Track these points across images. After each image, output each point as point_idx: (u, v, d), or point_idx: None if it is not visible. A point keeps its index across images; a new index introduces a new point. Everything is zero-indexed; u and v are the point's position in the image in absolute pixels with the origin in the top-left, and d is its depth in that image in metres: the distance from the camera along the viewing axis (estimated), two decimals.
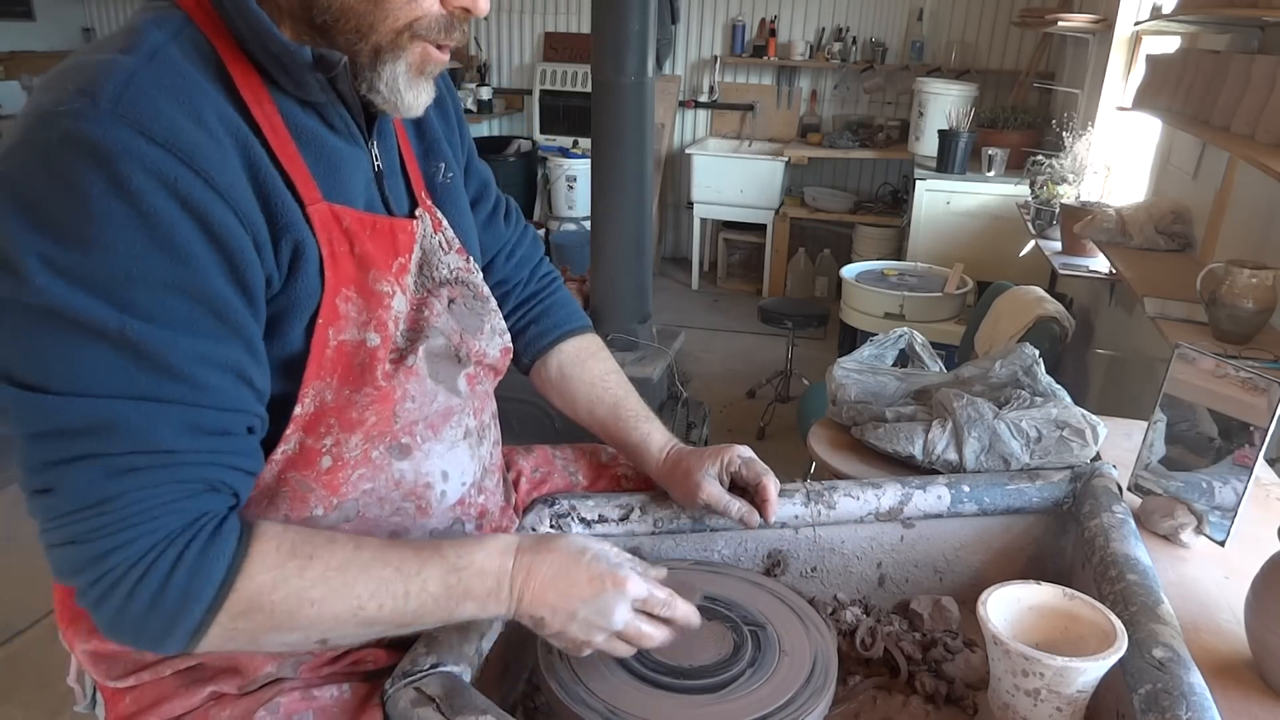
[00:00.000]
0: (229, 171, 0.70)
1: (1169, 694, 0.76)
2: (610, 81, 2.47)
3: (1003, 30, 5.17)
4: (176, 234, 0.67)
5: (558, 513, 1.08)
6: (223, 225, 0.69)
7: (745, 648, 0.91)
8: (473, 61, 5.85)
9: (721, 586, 1.02)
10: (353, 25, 0.74)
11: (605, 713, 0.84)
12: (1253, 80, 1.94)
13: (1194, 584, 1.02)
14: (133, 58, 0.70)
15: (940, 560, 1.16)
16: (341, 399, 0.81)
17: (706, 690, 0.87)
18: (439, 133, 0.99)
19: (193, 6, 0.75)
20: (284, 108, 0.77)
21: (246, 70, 0.75)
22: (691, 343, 4.43)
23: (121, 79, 0.67)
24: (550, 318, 1.16)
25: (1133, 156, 3.47)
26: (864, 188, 5.61)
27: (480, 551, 0.80)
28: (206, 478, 0.71)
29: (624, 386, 1.17)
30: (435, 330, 0.88)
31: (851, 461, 1.39)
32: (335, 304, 0.79)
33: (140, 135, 0.66)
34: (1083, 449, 1.20)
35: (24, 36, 6.45)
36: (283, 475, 0.81)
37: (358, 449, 0.83)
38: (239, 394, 0.72)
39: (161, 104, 0.68)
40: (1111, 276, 2.74)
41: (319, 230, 0.77)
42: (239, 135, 0.73)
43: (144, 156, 0.65)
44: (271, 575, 0.72)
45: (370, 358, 0.81)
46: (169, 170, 0.66)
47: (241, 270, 0.71)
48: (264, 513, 0.81)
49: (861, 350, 1.54)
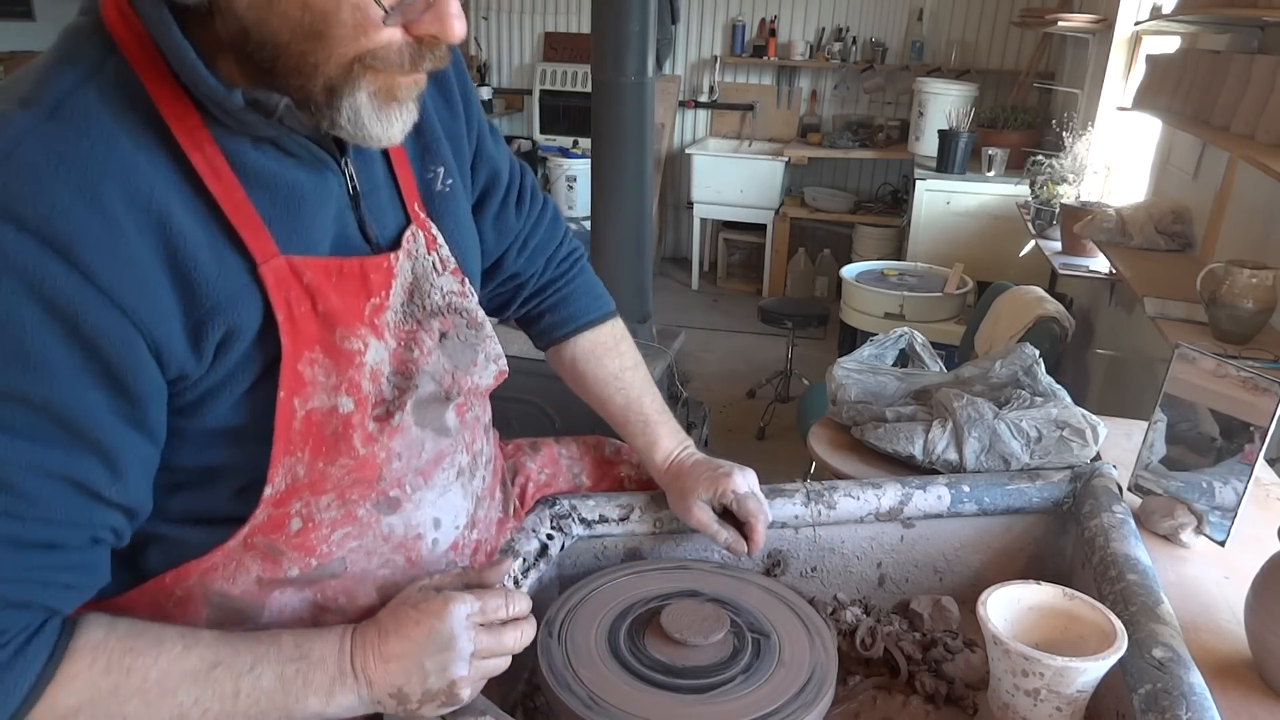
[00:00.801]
0: (122, 261, 0.62)
1: (1169, 694, 0.76)
2: (610, 81, 2.46)
3: (1003, 30, 5.17)
4: (31, 340, 0.59)
5: (558, 513, 1.08)
6: (98, 328, 0.61)
7: (743, 654, 0.91)
8: (473, 61, 5.85)
9: (728, 588, 1.02)
10: (293, 65, 0.64)
11: (587, 699, 0.85)
12: (1253, 80, 1.94)
13: (1194, 584, 1.02)
14: (29, 114, 0.61)
15: (940, 560, 1.16)
16: (315, 473, 0.75)
17: (694, 690, 0.87)
18: (439, 130, 0.89)
19: (122, 30, 0.65)
20: (229, 147, 0.68)
21: (183, 108, 0.66)
22: (691, 343, 4.43)
23: (4, 145, 0.59)
24: (566, 308, 1.10)
25: (1133, 156, 3.47)
26: (864, 188, 5.61)
27: (319, 639, 0.74)
28: (6, 595, 0.62)
29: (639, 385, 1.12)
30: (425, 375, 0.82)
31: (851, 461, 1.39)
32: (298, 370, 0.71)
33: (10, 220, 0.58)
34: (1083, 449, 1.20)
35: (24, 36, 6.45)
36: (250, 540, 0.76)
37: (333, 509, 0.78)
38: (77, 506, 0.64)
39: (46, 179, 0.59)
40: (1111, 276, 2.74)
41: (273, 291, 0.69)
42: (152, 208, 0.64)
43: (9, 248, 0.57)
44: (78, 698, 0.65)
45: (344, 425, 0.74)
46: (36, 266, 0.58)
47: (119, 374, 0.63)
48: (232, 575, 0.76)
49: (861, 350, 1.54)
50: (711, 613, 0.93)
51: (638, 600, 0.98)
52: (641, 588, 1.01)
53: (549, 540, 1.05)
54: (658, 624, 0.92)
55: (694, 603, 0.96)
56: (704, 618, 0.92)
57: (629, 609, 0.97)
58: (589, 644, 0.92)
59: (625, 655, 0.91)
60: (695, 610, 0.93)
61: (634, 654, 0.91)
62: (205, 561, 0.76)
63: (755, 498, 1.05)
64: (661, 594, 0.99)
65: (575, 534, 1.09)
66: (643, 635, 0.93)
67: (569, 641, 0.92)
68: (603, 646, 0.92)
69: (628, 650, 0.91)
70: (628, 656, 0.90)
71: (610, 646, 0.92)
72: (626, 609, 0.97)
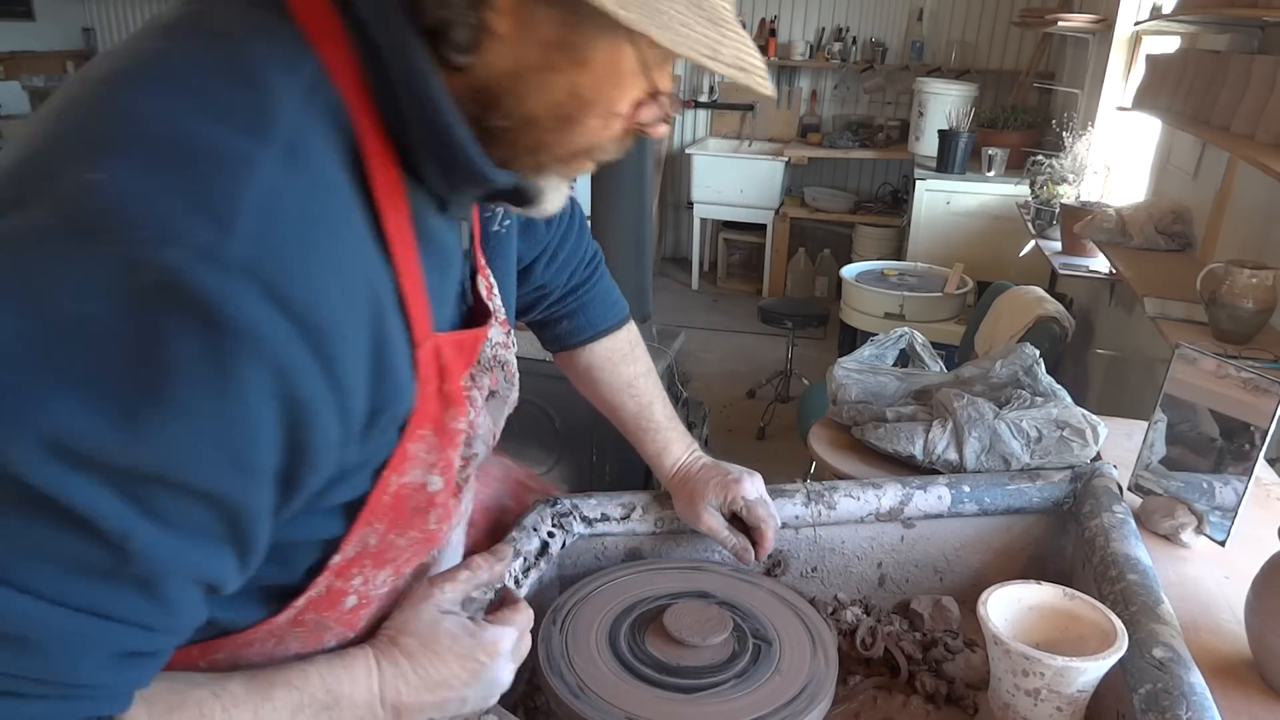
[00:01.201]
0: (355, 352, 0.53)
1: (1169, 694, 0.76)
2: None
3: (1003, 30, 5.17)
4: (257, 442, 0.50)
5: (559, 512, 1.08)
6: (314, 428, 0.52)
7: (741, 658, 0.91)
8: None
9: (734, 590, 1.02)
10: (533, 143, 0.58)
11: (575, 687, 0.86)
12: (1253, 80, 1.94)
13: (1194, 584, 1.02)
14: (266, 153, 0.48)
15: (940, 560, 1.16)
16: (384, 543, 0.68)
17: (684, 690, 0.87)
18: None
19: (323, 33, 0.53)
20: (417, 207, 0.59)
21: (386, 155, 0.56)
22: (691, 343, 4.43)
23: (261, 199, 0.47)
24: (584, 315, 1.08)
25: (1133, 156, 3.47)
26: (864, 188, 5.61)
27: (346, 676, 0.67)
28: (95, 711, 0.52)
29: (650, 392, 1.11)
30: (479, 440, 0.75)
31: (852, 461, 1.40)
32: (407, 447, 0.63)
33: (273, 303, 0.47)
34: (1083, 449, 1.20)
35: (24, 36, 6.46)
36: (300, 617, 0.67)
37: (385, 584, 0.72)
38: (197, 613, 0.55)
39: (308, 248, 0.49)
40: (1111, 276, 2.74)
41: (421, 373, 0.61)
42: (372, 279, 0.54)
43: (267, 340, 0.47)
44: None
45: (428, 503, 0.68)
46: (291, 361, 0.48)
47: (300, 476, 0.54)
48: (269, 651, 0.68)
49: (862, 350, 1.54)
50: (715, 615, 0.93)
51: (645, 598, 0.99)
52: (650, 586, 1.01)
53: (550, 539, 1.05)
54: (660, 622, 0.93)
55: (700, 604, 0.96)
56: (707, 619, 0.93)
57: (634, 605, 0.98)
58: (589, 636, 0.93)
59: (623, 649, 0.91)
60: (700, 611, 0.94)
61: (632, 649, 0.92)
62: (244, 637, 0.66)
63: (764, 503, 1.06)
64: (671, 593, 1.00)
65: (576, 532, 1.09)
66: (644, 632, 0.94)
67: (570, 631, 0.93)
68: (602, 640, 0.93)
69: (626, 645, 0.92)
70: (625, 651, 0.91)
71: (610, 640, 0.93)
72: (632, 605, 0.98)
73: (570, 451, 2.28)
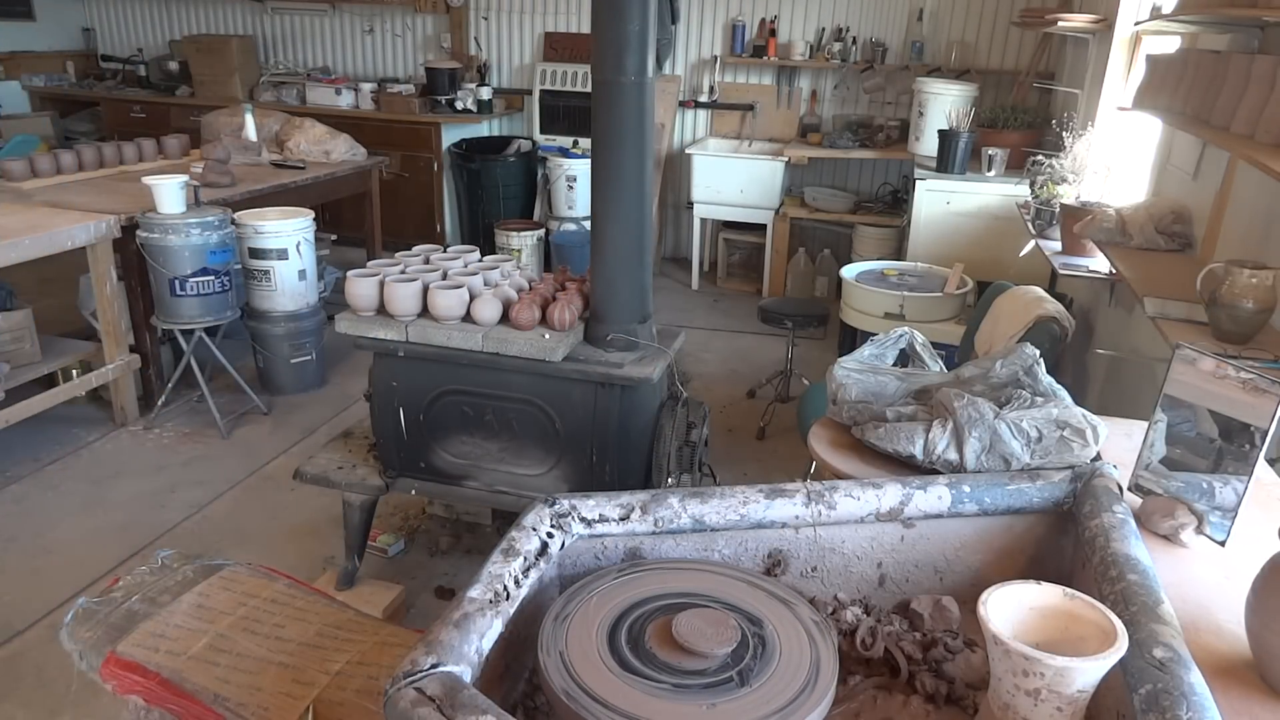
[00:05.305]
0: None
1: (1169, 694, 0.76)
2: (610, 81, 2.46)
3: (1003, 30, 5.17)
4: None
5: (559, 512, 1.08)
6: None
7: (740, 660, 0.91)
8: (473, 61, 5.85)
9: (734, 590, 1.02)
10: None
11: (575, 689, 0.86)
12: (1253, 80, 1.94)
13: (1194, 584, 1.02)
14: None
15: (940, 560, 1.16)
16: None
17: (681, 690, 0.88)
18: None
19: None
20: None
21: None
22: (691, 343, 4.43)
23: None
24: None
25: (1133, 156, 3.47)
26: (864, 188, 5.61)
27: None
28: None
29: None
30: None
31: (852, 461, 1.39)
32: None
33: None
34: (1083, 449, 1.20)
35: (24, 36, 6.46)
36: None
37: None
38: None
39: None
40: (1111, 276, 2.74)
41: None
42: None
43: None
44: None
45: None
46: None
47: None
48: None
49: (862, 350, 1.54)
50: (725, 625, 0.93)
51: (645, 598, 0.99)
52: (650, 586, 1.02)
53: (549, 539, 1.05)
54: (664, 625, 0.93)
55: (710, 612, 0.96)
56: (718, 630, 0.93)
57: (634, 606, 0.98)
58: (589, 637, 0.93)
59: (623, 650, 0.92)
60: (710, 619, 0.94)
61: (632, 650, 0.92)
62: None
63: None
64: (671, 593, 1.00)
65: (575, 533, 1.09)
66: (645, 633, 0.94)
67: (570, 632, 0.94)
68: (603, 640, 0.93)
69: (627, 646, 0.93)
70: (625, 652, 0.92)
71: (610, 641, 0.93)
72: (632, 606, 0.98)
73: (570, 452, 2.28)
